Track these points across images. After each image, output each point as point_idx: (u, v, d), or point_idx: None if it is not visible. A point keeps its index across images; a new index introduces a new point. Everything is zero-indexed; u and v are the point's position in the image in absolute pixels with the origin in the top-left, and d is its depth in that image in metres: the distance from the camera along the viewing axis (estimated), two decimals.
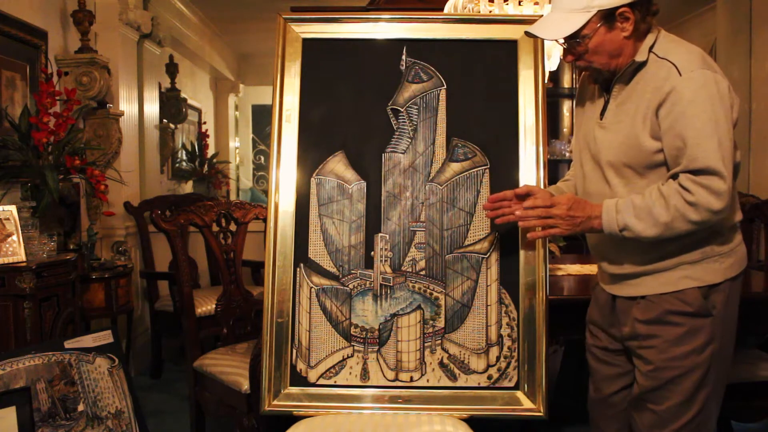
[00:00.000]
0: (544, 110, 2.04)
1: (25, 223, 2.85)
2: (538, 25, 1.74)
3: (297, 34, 2.12)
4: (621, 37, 1.67)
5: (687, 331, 1.67)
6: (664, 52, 1.66)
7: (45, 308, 2.75)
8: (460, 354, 2.01)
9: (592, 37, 1.67)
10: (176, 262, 2.66)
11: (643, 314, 1.73)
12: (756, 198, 3.70)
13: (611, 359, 1.90)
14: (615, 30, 1.66)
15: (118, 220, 3.98)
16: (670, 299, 1.69)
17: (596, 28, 1.66)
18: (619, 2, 1.63)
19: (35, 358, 2.24)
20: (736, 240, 1.72)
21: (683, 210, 1.57)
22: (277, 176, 2.05)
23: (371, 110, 2.09)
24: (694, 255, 1.67)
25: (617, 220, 1.64)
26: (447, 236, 2.03)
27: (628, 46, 1.69)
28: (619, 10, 1.64)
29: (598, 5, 1.64)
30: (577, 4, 1.65)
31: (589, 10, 1.64)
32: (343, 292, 2.03)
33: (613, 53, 1.69)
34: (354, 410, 1.96)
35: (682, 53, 1.64)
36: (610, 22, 1.66)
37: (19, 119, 3.02)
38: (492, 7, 3.06)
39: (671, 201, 1.58)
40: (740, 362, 2.41)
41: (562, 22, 1.67)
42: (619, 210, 1.64)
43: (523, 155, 2.05)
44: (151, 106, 4.63)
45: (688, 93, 1.57)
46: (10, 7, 3.08)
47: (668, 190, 1.60)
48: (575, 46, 1.70)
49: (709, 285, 1.67)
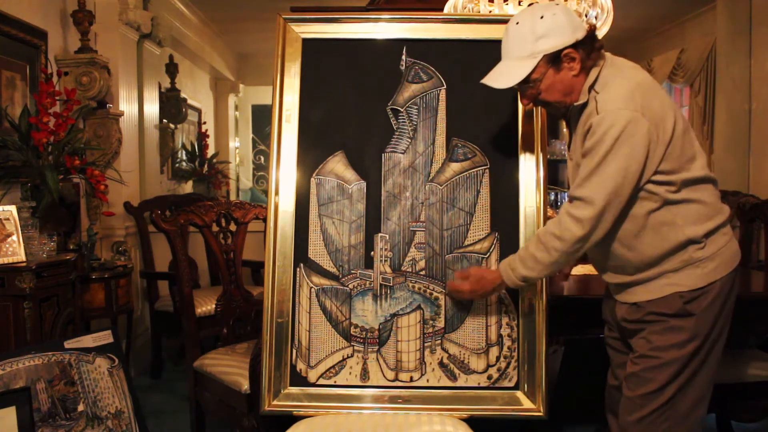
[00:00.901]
0: (544, 110, 2.04)
1: (25, 223, 2.85)
2: (491, 75, 1.82)
3: (297, 34, 2.12)
4: (570, 76, 1.77)
5: (669, 327, 1.75)
6: (601, 87, 1.75)
7: (45, 308, 2.74)
8: (460, 354, 2.01)
9: (542, 80, 1.77)
10: (176, 262, 2.66)
11: (630, 315, 1.83)
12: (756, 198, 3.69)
13: (623, 348, 1.95)
14: (563, 70, 1.76)
15: (118, 220, 3.97)
16: (654, 302, 1.78)
17: (544, 71, 1.76)
18: (562, 45, 1.73)
19: (35, 358, 2.24)
20: (718, 243, 1.76)
21: (552, 243, 1.74)
22: (277, 176, 2.05)
23: (371, 110, 2.09)
24: (675, 263, 1.75)
25: (513, 278, 1.83)
26: (447, 236, 2.03)
27: (578, 82, 1.78)
28: (564, 52, 1.73)
29: (542, 51, 1.73)
30: (523, 51, 1.75)
31: (535, 56, 1.74)
32: (343, 292, 2.03)
33: (565, 92, 1.79)
34: (354, 410, 1.96)
35: (611, 89, 1.72)
36: (556, 65, 1.75)
37: (19, 119, 3.02)
38: (492, 7, 3.07)
39: (543, 239, 1.77)
40: (740, 362, 2.41)
41: (512, 70, 1.77)
42: (513, 268, 1.83)
43: (523, 155, 2.05)
44: (151, 106, 4.63)
45: (598, 131, 1.68)
46: (10, 7, 3.07)
47: (544, 230, 1.79)
48: (528, 90, 1.81)
49: (691, 290, 1.74)
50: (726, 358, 1.84)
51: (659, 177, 1.70)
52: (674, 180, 1.71)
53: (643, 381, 1.77)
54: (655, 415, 1.75)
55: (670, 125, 1.69)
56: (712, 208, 1.76)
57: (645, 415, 1.76)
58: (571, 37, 1.73)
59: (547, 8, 1.75)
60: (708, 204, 1.76)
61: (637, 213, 1.74)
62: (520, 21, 1.76)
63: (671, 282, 1.75)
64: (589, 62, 1.76)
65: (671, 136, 1.69)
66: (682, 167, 1.71)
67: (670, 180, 1.70)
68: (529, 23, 1.74)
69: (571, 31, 1.73)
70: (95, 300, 3.35)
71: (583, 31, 1.75)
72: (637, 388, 1.78)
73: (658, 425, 1.75)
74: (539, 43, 1.73)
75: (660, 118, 1.68)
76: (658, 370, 1.75)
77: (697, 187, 1.74)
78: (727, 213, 1.81)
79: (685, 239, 1.73)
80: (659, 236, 1.74)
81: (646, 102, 1.68)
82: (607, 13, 3.14)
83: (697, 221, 1.74)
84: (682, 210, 1.73)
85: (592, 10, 3.07)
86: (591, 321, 2.32)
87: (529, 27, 1.74)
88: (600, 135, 1.67)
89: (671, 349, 1.74)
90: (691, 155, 1.73)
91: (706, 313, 1.74)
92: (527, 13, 1.78)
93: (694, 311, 1.73)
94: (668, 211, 1.73)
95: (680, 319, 1.74)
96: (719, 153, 5.30)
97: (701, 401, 1.79)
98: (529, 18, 1.75)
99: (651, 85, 1.75)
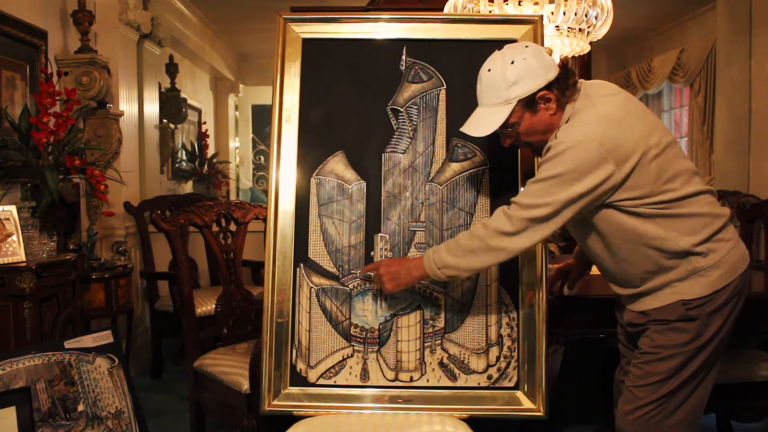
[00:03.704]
0: None
1: (25, 223, 2.85)
2: (469, 123, 1.83)
3: (297, 34, 2.12)
4: (547, 116, 1.79)
5: (672, 328, 1.76)
6: (571, 118, 1.77)
7: (45, 308, 2.74)
8: (460, 354, 2.01)
9: (521, 123, 1.78)
10: (176, 262, 2.66)
11: (636, 320, 1.86)
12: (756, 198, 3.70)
13: (632, 346, 1.96)
14: (539, 112, 1.78)
15: (118, 220, 3.97)
16: (659, 310, 1.79)
17: (521, 115, 1.78)
18: (536, 88, 1.74)
19: (35, 358, 2.24)
20: (722, 250, 1.76)
21: (478, 231, 1.76)
22: (277, 176, 2.05)
23: (371, 110, 2.09)
24: (680, 273, 1.75)
25: (432, 260, 1.81)
26: (447, 236, 2.03)
27: (556, 120, 1.80)
28: (539, 94, 1.74)
29: (516, 96, 1.75)
30: (498, 98, 1.76)
31: (510, 102, 1.75)
32: (343, 292, 2.03)
33: (545, 131, 1.81)
34: (354, 410, 1.96)
35: (576, 119, 1.74)
36: (532, 108, 1.77)
37: (19, 119, 3.02)
38: (492, 7, 3.06)
39: (472, 228, 1.81)
40: (740, 362, 2.41)
41: (489, 117, 1.78)
42: (435, 250, 1.83)
43: (523, 155, 2.05)
44: (151, 106, 4.63)
45: (551, 151, 1.71)
46: (10, 7, 3.07)
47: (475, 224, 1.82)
48: (508, 134, 1.82)
49: (696, 298, 1.74)
50: (726, 358, 1.85)
51: (632, 203, 1.70)
52: (652, 201, 1.70)
53: (643, 374, 1.79)
54: (651, 407, 1.77)
55: (638, 153, 1.68)
56: (706, 218, 1.75)
57: (640, 406, 1.78)
58: (543, 79, 1.73)
59: (516, 53, 1.75)
60: (701, 215, 1.75)
61: (627, 229, 1.74)
62: (492, 68, 1.77)
63: (676, 291, 1.76)
64: (564, 99, 1.77)
65: (636, 164, 1.67)
66: (661, 188, 1.70)
67: (647, 201, 1.70)
68: (500, 70, 1.74)
69: (543, 72, 1.73)
70: (95, 300, 3.36)
71: (555, 70, 1.75)
72: (637, 380, 1.81)
73: (651, 419, 1.77)
74: (512, 89, 1.73)
75: (621, 146, 1.67)
76: (658, 363, 1.77)
77: (687, 201, 1.73)
78: (726, 216, 1.79)
79: (680, 250, 1.73)
80: (654, 250, 1.74)
81: (608, 132, 1.68)
82: (607, 13, 3.14)
83: (690, 232, 1.73)
84: (672, 224, 1.72)
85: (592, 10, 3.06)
86: (591, 321, 2.33)
87: (500, 74, 1.74)
88: (553, 154, 1.69)
89: (673, 347, 1.75)
90: (671, 175, 1.71)
91: (711, 318, 1.74)
92: (497, 58, 1.77)
93: (697, 316, 1.74)
94: (659, 226, 1.72)
95: (683, 323, 1.75)
96: (719, 153, 5.30)
97: (698, 404, 1.79)
98: (500, 65, 1.75)
99: (621, 116, 1.72)
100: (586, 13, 3.05)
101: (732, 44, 4.91)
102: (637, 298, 1.84)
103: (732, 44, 4.91)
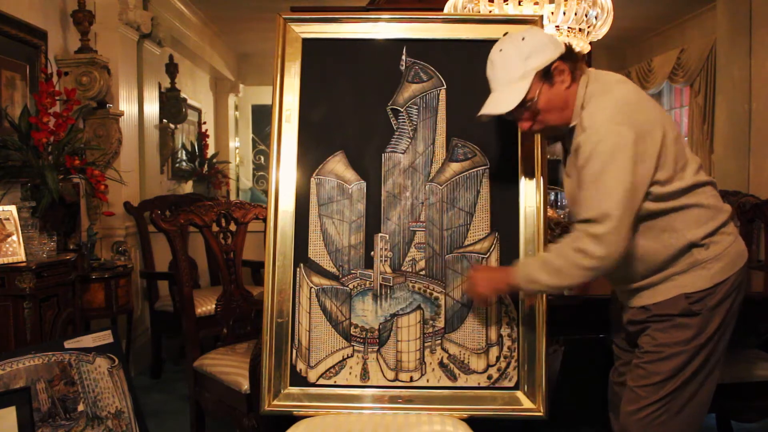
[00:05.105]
0: None
1: (25, 223, 2.85)
2: (488, 104, 1.81)
3: (297, 34, 2.12)
4: (563, 89, 1.79)
5: (674, 325, 1.76)
6: (586, 103, 1.77)
7: (45, 308, 2.74)
8: (460, 354, 2.01)
9: (539, 98, 1.77)
10: (176, 262, 2.66)
11: (636, 316, 1.85)
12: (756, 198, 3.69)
13: (629, 347, 1.96)
14: (556, 84, 1.78)
15: (117, 220, 3.97)
16: (660, 305, 1.79)
17: (539, 89, 1.77)
18: (551, 58, 1.76)
19: (35, 358, 2.24)
20: (724, 243, 1.77)
21: (573, 257, 1.69)
22: (277, 176, 2.05)
23: (371, 110, 2.09)
24: (681, 266, 1.76)
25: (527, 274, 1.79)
26: (447, 236, 2.03)
27: (571, 95, 1.80)
28: (553, 65, 1.76)
29: (534, 68, 1.75)
30: (515, 73, 1.76)
31: (528, 75, 1.75)
32: (343, 292, 2.03)
33: (562, 106, 1.80)
34: (354, 410, 1.96)
35: (596, 105, 1.73)
36: (549, 80, 1.77)
37: (19, 119, 3.02)
38: (492, 7, 3.07)
39: (563, 250, 1.72)
40: (740, 362, 2.41)
41: (507, 96, 1.77)
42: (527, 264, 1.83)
43: (523, 155, 2.05)
44: (151, 106, 4.63)
45: (587, 148, 1.68)
46: (9, 7, 3.07)
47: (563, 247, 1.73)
48: (526, 112, 1.79)
49: (698, 290, 1.74)
50: (726, 358, 1.84)
51: (656, 188, 1.70)
52: (670, 189, 1.71)
53: (646, 373, 1.79)
54: (654, 407, 1.76)
55: (659, 136, 1.69)
56: (712, 210, 1.77)
57: (644, 406, 1.77)
58: (555, 51, 1.77)
59: (524, 32, 1.80)
60: (707, 206, 1.76)
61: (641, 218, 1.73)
62: (504, 48, 1.79)
63: (678, 284, 1.76)
64: (578, 72, 1.79)
65: (660, 146, 1.69)
66: (677, 175, 1.72)
67: (666, 189, 1.71)
68: (513, 47, 1.77)
69: (554, 46, 1.78)
70: (95, 300, 3.35)
71: (562, 46, 1.80)
72: (639, 379, 1.80)
73: (656, 418, 1.76)
74: (529, 61, 1.75)
75: (646, 131, 1.68)
76: (661, 362, 1.76)
77: (695, 191, 1.75)
78: (729, 211, 1.82)
79: (686, 243, 1.74)
80: (660, 243, 1.74)
81: (632, 116, 1.69)
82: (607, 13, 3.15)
83: (697, 224, 1.74)
84: (681, 215, 1.74)
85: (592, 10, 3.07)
86: (591, 321, 2.33)
87: (515, 50, 1.76)
88: (589, 152, 1.67)
89: (675, 345, 1.75)
90: (683, 163, 1.74)
91: (713, 313, 1.74)
92: (507, 39, 1.80)
93: (699, 311, 1.74)
94: (668, 218, 1.74)
95: (686, 318, 1.75)
96: (719, 153, 5.31)
97: (702, 403, 1.79)
98: (511, 43, 1.78)
99: (636, 99, 1.75)
100: (586, 13, 3.06)
101: (732, 44, 4.91)
102: (637, 292, 1.83)
103: (732, 44, 4.91)
